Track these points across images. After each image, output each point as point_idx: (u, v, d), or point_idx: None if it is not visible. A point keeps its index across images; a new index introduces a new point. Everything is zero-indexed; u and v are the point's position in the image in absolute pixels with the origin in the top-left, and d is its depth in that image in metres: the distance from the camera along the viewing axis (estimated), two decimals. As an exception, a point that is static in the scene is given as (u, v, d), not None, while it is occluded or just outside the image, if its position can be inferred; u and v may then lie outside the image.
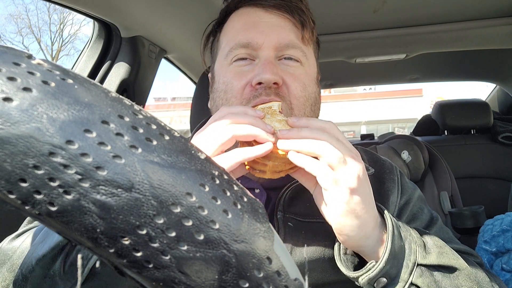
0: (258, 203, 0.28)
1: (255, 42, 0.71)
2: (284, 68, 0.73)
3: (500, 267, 1.24)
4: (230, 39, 0.75)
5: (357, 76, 2.64)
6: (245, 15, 0.76)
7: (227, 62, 0.75)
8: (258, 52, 0.72)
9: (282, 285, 0.26)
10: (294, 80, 0.72)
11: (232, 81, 0.73)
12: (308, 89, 0.74)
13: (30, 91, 0.22)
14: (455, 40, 1.76)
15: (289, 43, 0.73)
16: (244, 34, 0.73)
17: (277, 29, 0.73)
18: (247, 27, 0.74)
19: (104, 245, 0.23)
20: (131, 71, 1.39)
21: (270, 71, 0.68)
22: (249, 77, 0.71)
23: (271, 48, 0.72)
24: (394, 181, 0.80)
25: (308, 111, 0.74)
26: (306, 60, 0.76)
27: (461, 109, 2.24)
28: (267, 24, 0.73)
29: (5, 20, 23.84)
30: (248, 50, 0.72)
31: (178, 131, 0.27)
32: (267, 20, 0.74)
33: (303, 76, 0.74)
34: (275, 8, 0.74)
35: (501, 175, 2.08)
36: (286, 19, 0.74)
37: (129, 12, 1.23)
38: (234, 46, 0.73)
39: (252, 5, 0.76)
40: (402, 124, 17.47)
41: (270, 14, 0.74)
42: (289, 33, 0.74)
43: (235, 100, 0.72)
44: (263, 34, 0.72)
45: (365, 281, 0.59)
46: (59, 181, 0.22)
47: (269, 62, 0.70)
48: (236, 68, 0.73)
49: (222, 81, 0.75)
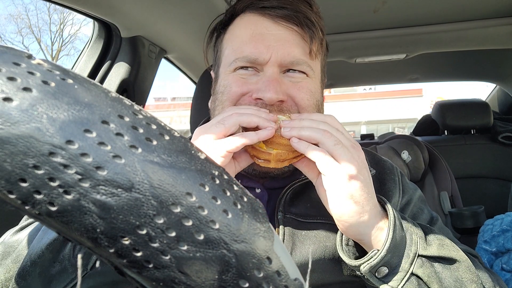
0: (258, 203, 0.28)
1: (262, 59, 0.71)
2: (288, 80, 0.73)
3: (500, 267, 1.24)
4: (236, 49, 0.74)
5: (357, 76, 2.64)
6: (252, 24, 0.74)
7: (230, 69, 0.75)
8: (264, 66, 0.72)
9: (282, 285, 0.26)
10: (300, 91, 0.72)
11: (232, 85, 0.73)
12: (315, 96, 0.75)
13: (30, 91, 0.22)
14: (455, 40, 1.76)
15: (296, 59, 0.72)
16: (250, 47, 0.72)
17: (284, 44, 0.71)
18: (254, 39, 0.72)
19: (104, 245, 0.23)
20: (131, 71, 1.39)
21: (273, 90, 0.68)
22: (251, 88, 0.71)
23: (276, 64, 0.71)
24: (395, 182, 0.80)
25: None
26: (313, 73, 0.75)
27: (461, 109, 2.24)
28: (274, 38, 0.71)
29: (5, 20, 23.84)
30: (254, 64, 0.73)
31: (178, 131, 0.27)
32: (274, 32, 0.72)
33: (309, 85, 0.74)
34: (283, 20, 0.72)
35: (501, 175, 2.08)
36: (294, 32, 0.73)
37: (129, 12, 1.23)
38: (241, 58, 0.72)
39: (259, 13, 0.74)
40: (402, 124, 17.47)
41: (278, 26, 0.72)
42: (296, 48, 0.72)
43: (229, 103, 0.72)
44: (269, 49, 0.71)
45: (366, 269, 0.59)
46: (59, 181, 0.22)
47: (273, 80, 0.70)
48: (239, 76, 0.73)
49: (222, 84, 0.75)
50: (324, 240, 0.70)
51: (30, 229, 0.68)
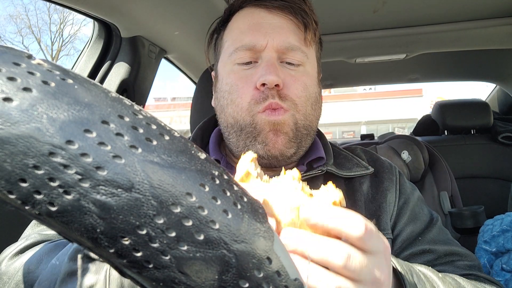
0: (258, 203, 0.28)
1: (260, 45, 0.73)
2: (285, 70, 0.74)
3: (500, 267, 1.24)
4: (235, 39, 0.76)
5: (357, 76, 2.64)
6: (249, 16, 0.77)
7: (230, 62, 0.76)
8: (261, 53, 0.74)
9: (282, 285, 0.26)
10: (295, 81, 0.73)
11: (237, 83, 0.74)
12: (309, 89, 0.75)
13: (30, 91, 0.22)
14: (455, 40, 1.76)
15: (291, 45, 0.74)
16: (248, 36, 0.74)
17: (280, 31, 0.74)
18: (251, 28, 0.75)
19: (104, 245, 0.23)
20: (131, 71, 1.39)
21: (273, 73, 0.70)
22: (254, 79, 0.72)
23: (274, 50, 0.73)
24: (392, 181, 0.81)
25: (309, 110, 0.75)
26: (308, 61, 0.77)
27: (461, 109, 2.24)
28: (270, 26, 0.74)
29: (5, 20, 23.80)
30: (252, 52, 0.74)
31: (178, 131, 0.27)
32: (270, 21, 0.75)
33: (304, 77, 0.75)
34: (278, 10, 0.75)
35: (501, 175, 2.08)
36: (289, 21, 0.76)
37: (129, 12, 1.23)
38: (239, 47, 0.74)
39: (256, 6, 0.77)
40: (402, 124, 17.48)
41: (274, 16, 0.75)
42: (292, 34, 0.75)
43: (241, 100, 0.73)
44: (266, 36, 0.73)
45: None
46: (59, 181, 0.22)
47: (271, 64, 0.72)
48: (241, 72, 0.75)
49: (225, 82, 0.76)
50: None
51: (30, 254, 0.60)
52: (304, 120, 0.74)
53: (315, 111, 0.77)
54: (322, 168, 0.76)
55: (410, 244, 0.74)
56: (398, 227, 0.76)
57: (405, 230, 0.75)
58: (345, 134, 18.94)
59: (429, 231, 0.76)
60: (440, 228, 0.79)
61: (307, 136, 0.76)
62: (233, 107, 0.74)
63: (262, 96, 0.71)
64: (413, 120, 11.98)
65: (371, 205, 0.77)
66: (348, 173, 0.79)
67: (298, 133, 0.73)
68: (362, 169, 0.80)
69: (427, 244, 0.74)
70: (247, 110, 0.72)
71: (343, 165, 0.81)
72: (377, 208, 0.76)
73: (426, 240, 0.74)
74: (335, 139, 4.09)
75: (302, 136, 0.74)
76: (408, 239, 0.75)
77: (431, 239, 0.75)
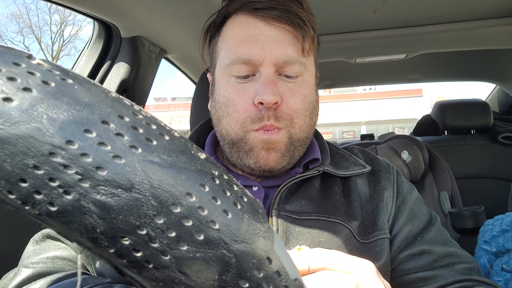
0: (258, 203, 0.28)
1: (256, 59, 0.71)
2: (283, 84, 0.73)
3: (500, 267, 1.24)
4: (230, 50, 0.75)
5: (357, 76, 2.64)
6: (245, 25, 0.75)
7: (227, 74, 0.75)
8: (259, 67, 0.72)
9: (282, 285, 0.26)
10: (293, 95, 0.73)
11: (234, 97, 0.73)
12: (307, 99, 0.75)
13: (30, 91, 0.22)
14: (455, 40, 1.76)
15: (289, 58, 0.72)
16: (244, 48, 0.72)
17: (277, 44, 0.72)
18: (247, 40, 0.73)
19: (104, 245, 0.23)
20: (131, 71, 1.39)
21: (271, 92, 0.69)
22: (251, 95, 0.72)
23: (271, 64, 0.72)
24: (389, 180, 0.81)
25: (307, 120, 0.75)
26: (306, 70, 0.76)
27: (461, 109, 2.24)
28: (267, 38, 0.72)
29: (6, 20, 23.78)
30: (249, 66, 0.73)
31: (178, 131, 0.27)
32: (267, 33, 0.73)
33: (302, 88, 0.74)
34: (275, 21, 0.73)
35: (501, 175, 2.08)
36: (286, 32, 0.74)
37: (129, 12, 1.23)
38: (235, 60, 0.73)
39: (252, 15, 0.75)
40: (402, 124, 17.48)
41: (271, 27, 0.73)
42: (289, 46, 0.73)
43: (237, 114, 0.72)
44: (263, 49, 0.71)
45: None
46: (59, 181, 0.22)
47: (270, 81, 0.70)
48: (238, 85, 0.74)
49: (222, 94, 0.75)
50: (317, 235, 0.70)
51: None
52: (300, 133, 0.74)
53: (312, 119, 0.77)
54: (319, 169, 0.77)
55: (409, 244, 0.74)
56: (396, 227, 0.76)
57: (404, 230, 0.75)
58: (345, 134, 18.95)
59: (428, 231, 0.76)
60: (439, 228, 0.79)
61: (301, 146, 0.76)
62: (228, 120, 0.74)
63: (258, 116, 0.70)
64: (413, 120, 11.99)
65: (368, 204, 0.77)
66: (345, 172, 0.79)
67: (291, 146, 0.73)
68: (359, 168, 0.81)
69: (426, 244, 0.74)
70: (241, 125, 0.71)
71: (340, 165, 0.81)
72: (374, 208, 0.76)
73: (425, 240, 0.75)
74: (335, 139, 4.09)
75: (295, 148, 0.74)
76: (407, 239, 0.75)
77: (430, 239, 0.75)
